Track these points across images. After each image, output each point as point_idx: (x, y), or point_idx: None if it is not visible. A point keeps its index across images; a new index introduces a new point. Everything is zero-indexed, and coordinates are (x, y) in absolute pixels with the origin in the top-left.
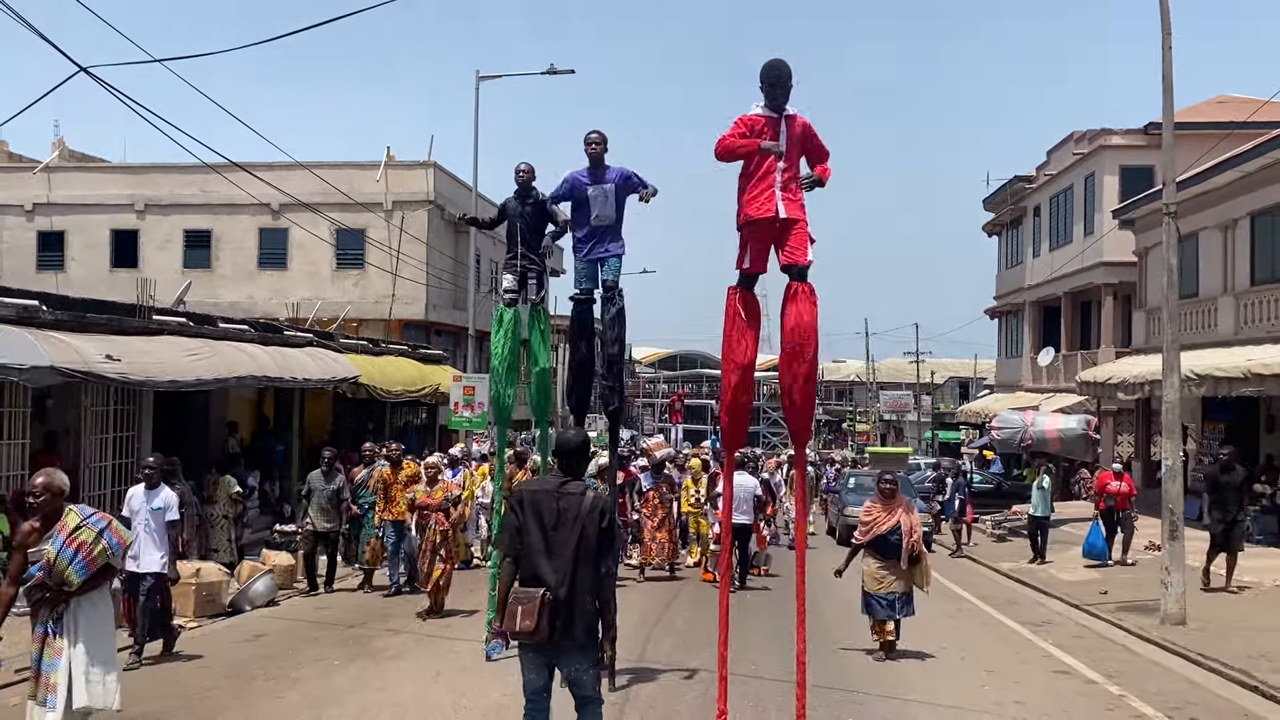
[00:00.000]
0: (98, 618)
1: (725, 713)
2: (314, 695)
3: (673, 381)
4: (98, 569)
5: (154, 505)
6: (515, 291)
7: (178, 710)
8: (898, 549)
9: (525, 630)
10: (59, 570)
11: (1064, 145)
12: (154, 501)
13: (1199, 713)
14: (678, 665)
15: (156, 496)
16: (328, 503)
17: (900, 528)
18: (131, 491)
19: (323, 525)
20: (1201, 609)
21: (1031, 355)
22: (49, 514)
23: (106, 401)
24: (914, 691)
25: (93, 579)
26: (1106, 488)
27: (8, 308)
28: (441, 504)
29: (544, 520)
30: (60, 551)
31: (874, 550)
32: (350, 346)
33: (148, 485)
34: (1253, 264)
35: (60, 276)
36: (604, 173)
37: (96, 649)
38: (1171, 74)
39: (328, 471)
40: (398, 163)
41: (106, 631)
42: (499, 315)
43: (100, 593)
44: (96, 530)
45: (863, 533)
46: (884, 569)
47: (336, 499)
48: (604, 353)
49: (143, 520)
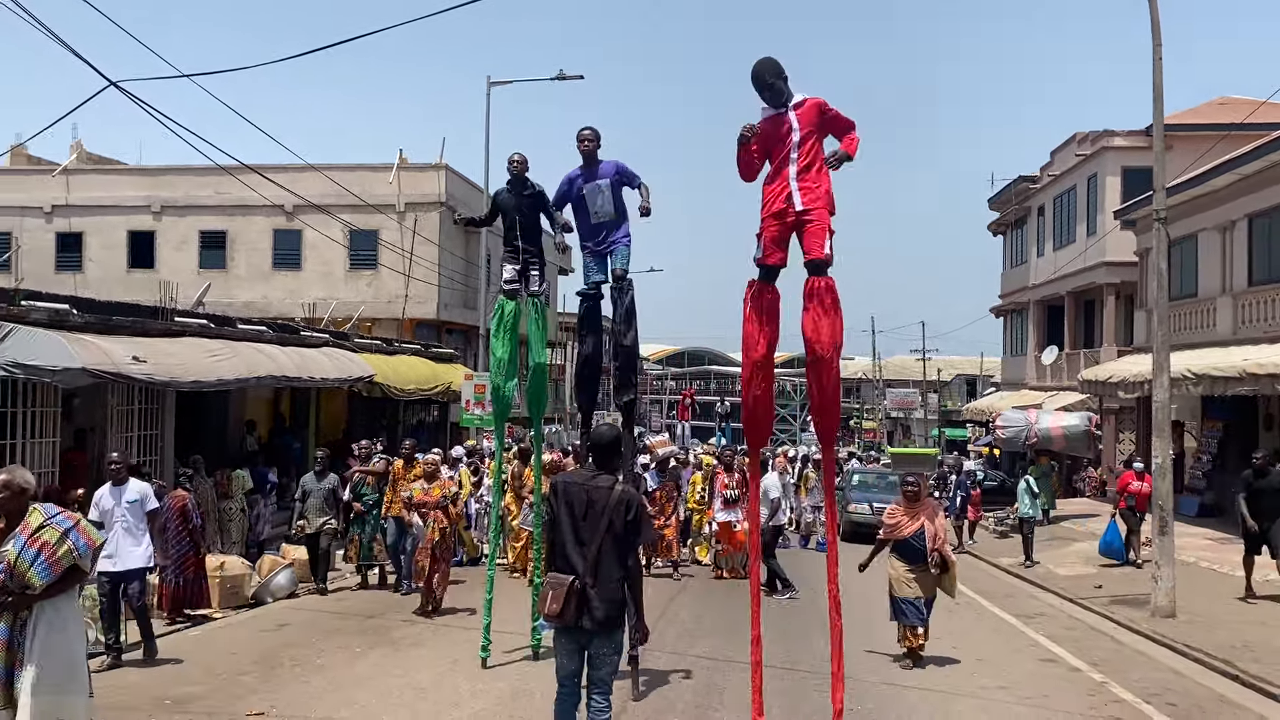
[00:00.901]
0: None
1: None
2: (338, 680)
3: (680, 378)
4: (63, 571)
5: (128, 499)
6: (516, 283)
7: (213, 693)
8: (923, 554)
9: (553, 614)
10: (20, 572)
11: (1067, 146)
12: (127, 495)
13: (1176, 698)
14: (683, 652)
15: (128, 490)
16: (323, 501)
17: (924, 533)
18: (99, 493)
19: (316, 525)
20: (1193, 603)
21: (1036, 354)
22: (12, 513)
23: (131, 401)
24: (908, 678)
25: (59, 582)
26: (1128, 487)
27: (39, 311)
28: (439, 501)
29: (575, 510)
30: (21, 552)
31: (899, 553)
32: (365, 346)
33: (114, 482)
34: (1250, 265)
35: (78, 277)
36: (597, 169)
37: (52, 667)
38: (1162, 83)
39: (320, 471)
40: (409, 165)
41: (70, 645)
42: (499, 307)
43: (67, 599)
44: (61, 530)
45: (885, 531)
46: (912, 573)
47: (332, 497)
48: (616, 344)
49: (119, 517)
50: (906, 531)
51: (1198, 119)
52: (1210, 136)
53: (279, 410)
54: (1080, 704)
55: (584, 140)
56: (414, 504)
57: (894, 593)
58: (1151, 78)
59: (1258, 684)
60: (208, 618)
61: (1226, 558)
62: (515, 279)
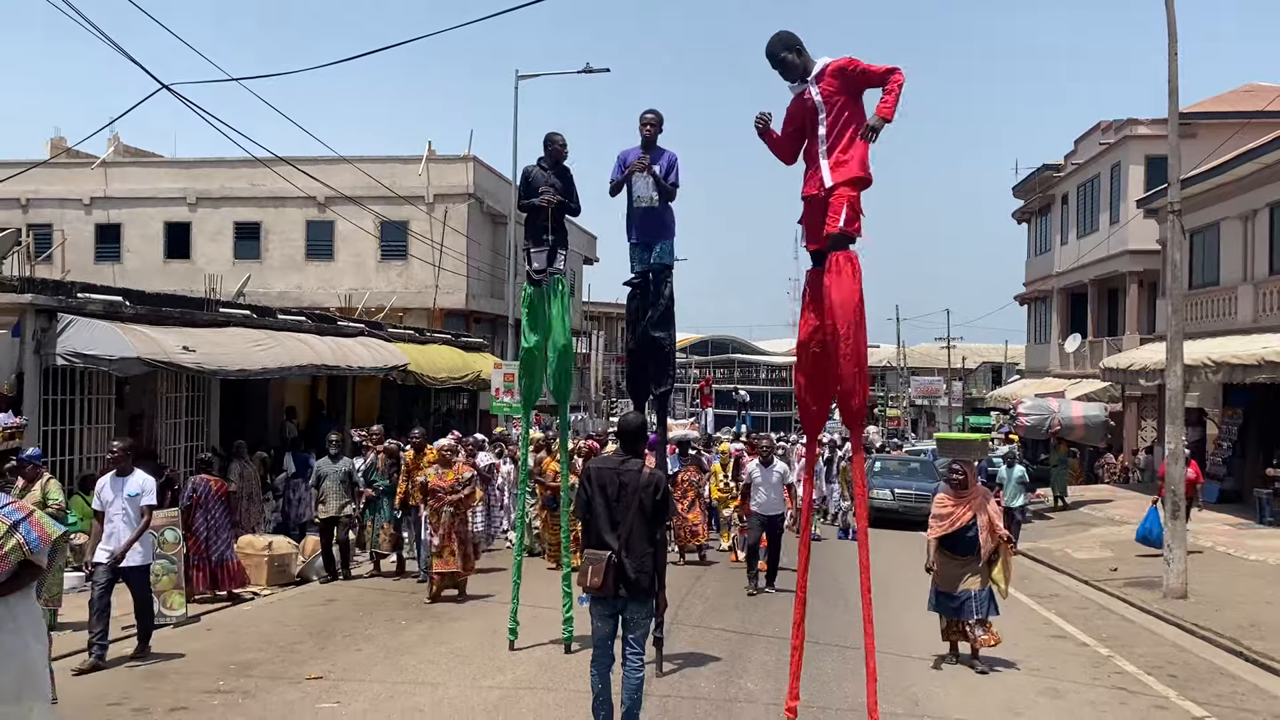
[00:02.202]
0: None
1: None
2: (388, 648)
3: (704, 366)
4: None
5: (129, 491)
6: (544, 271)
7: (271, 660)
8: (974, 545)
9: (594, 586)
10: None
11: (1091, 135)
12: (129, 488)
13: (1177, 670)
14: (708, 625)
15: (129, 482)
16: (339, 485)
17: (976, 523)
18: (100, 482)
19: (335, 509)
20: (1206, 585)
21: (1059, 341)
22: None
23: (178, 388)
24: (917, 650)
25: (12, 579)
26: None
27: (95, 303)
28: (452, 487)
29: (607, 493)
30: None
31: (947, 546)
32: (398, 335)
33: (118, 472)
34: (1271, 253)
35: (117, 268)
36: (655, 155)
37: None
38: (1177, 81)
39: (336, 455)
40: (438, 157)
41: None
42: (526, 296)
43: (21, 598)
44: (9, 523)
45: (938, 527)
46: (959, 566)
47: (349, 480)
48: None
49: (119, 510)
50: (960, 522)
51: (1223, 106)
52: (1235, 124)
53: (316, 397)
54: (1085, 675)
55: (646, 124)
56: (429, 489)
57: (939, 586)
58: (1167, 75)
59: (1260, 659)
60: (240, 597)
61: (1243, 542)
62: (544, 267)
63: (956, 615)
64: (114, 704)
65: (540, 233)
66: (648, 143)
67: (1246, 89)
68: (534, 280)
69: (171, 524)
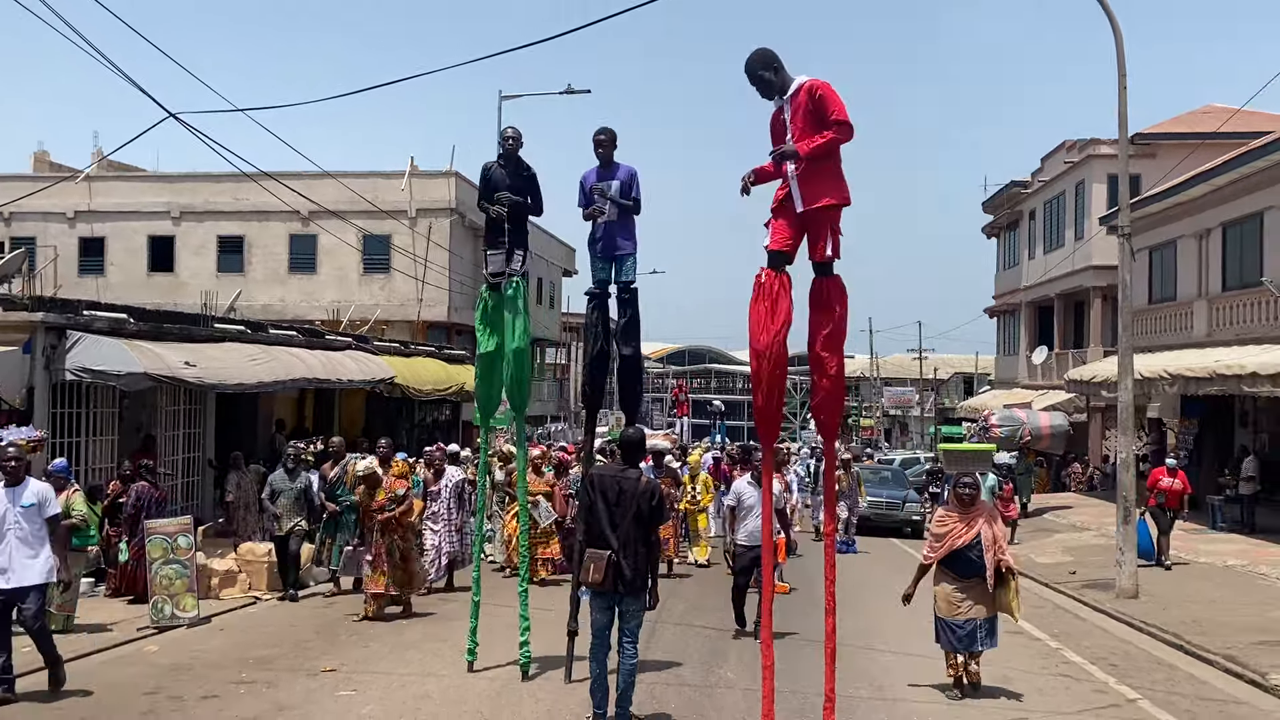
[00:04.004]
0: None
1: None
2: (392, 644)
3: (681, 377)
4: None
5: (24, 502)
6: (502, 274)
7: (285, 655)
8: (978, 567)
9: (595, 582)
10: None
11: (1056, 153)
12: (23, 498)
13: (1118, 660)
14: (690, 623)
15: (24, 492)
16: (293, 502)
17: (981, 541)
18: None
19: (287, 526)
20: (1157, 586)
21: (1027, 353)
22: None
23: (177, 402)
24: (886, 644)
25: None
26: (1158, 484)
27: (101, 320)
28: (385, 505)
29: (608, 498)
30: None
31: (949, 567)
32: (384, 349)
33: (8, 482)
34: (1224, 271)
35: (100, 281)
36: (612, 170)
37: None
38: (1126, 110)
39: (292, 470)
40: (421, 172)
41: None
42: (482, 299)
43: None
44: None
45: (933, 548)
46: (961, 591)
47: (304, 497)
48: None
49: (11, 524)
50: (961, 540)
51: (1181, 127)
52: (1192, 144)
53: (303, 410)
54: (1035, 665)
55: (599, 142)
56: (367, 510)
57: (941, 614)
58: (1117, 107)
59: (1197, 651)
60: (258, 599)
61: (1195, 546)
62: (501, 270)
63: (966, 648)
64: (149, 693)
65: (497, 234)
66: (604, 159)
67: (1205, 110)
68: (490, 283)
69: (184, 530)
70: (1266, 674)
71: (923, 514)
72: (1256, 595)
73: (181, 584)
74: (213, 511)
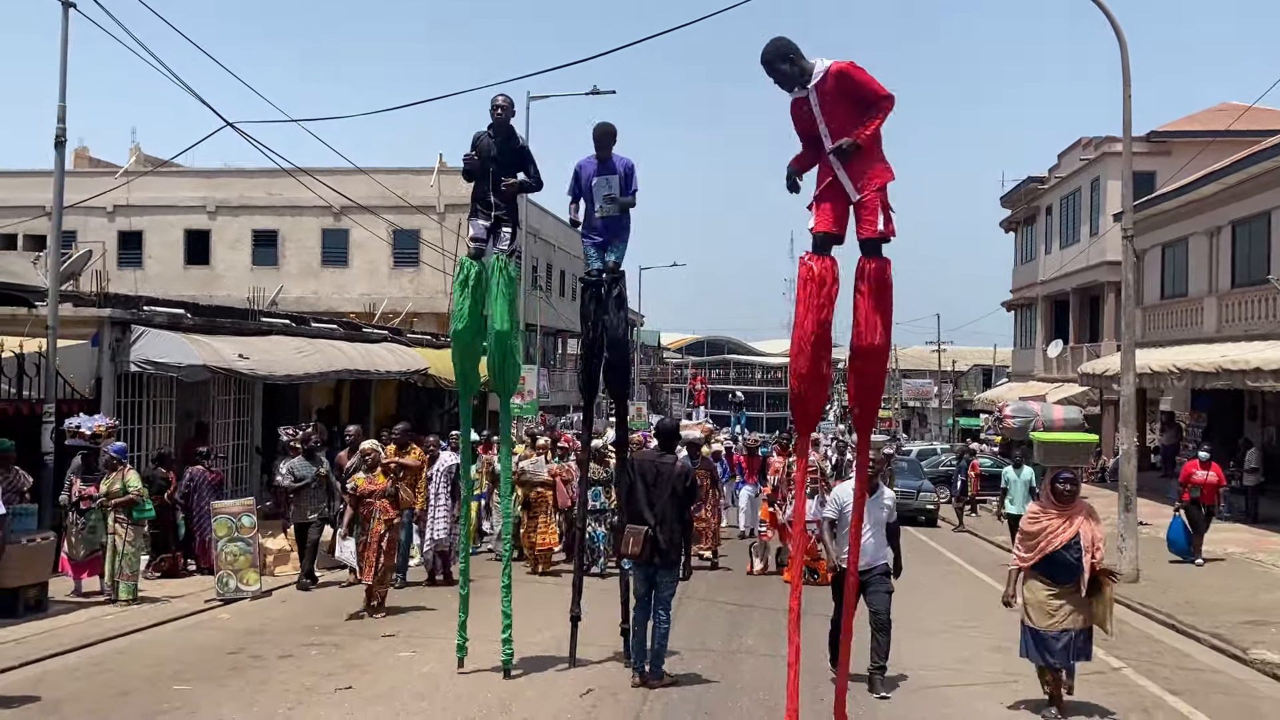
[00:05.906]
0: None
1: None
2: (443, 615)
3: (700, 367)
4: None
5: None
6: (483, 240)
7: (345, 623)
8: (1076, 569)
9: (634, 554)
10: None
11: (1072, 150)
12: None
13: (1109, 636)
14: (713, 599)
15: None
16: (315, 489)
17: (1079, 541)
18: None
19: (310, 514)
20: (1158, 571)
21: (1043, 347)
22: None
23: (227, 391)
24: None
25: None
26: (1192, 477)
27: (161, 315)
28: (385, 490)
29: (647, 480)
30: None
31: (1042, 572)
32: (416, 341)
33: None
34: (1234, 268)
35: (138, 274)
36: (610, 163)
37: None
38: (1130, 116)
39: (309, 454)
40: (449, 168)
41: None
42: (462, 268)
43: None
44: None
45: (1027, 548)
46: (1057, 597)
47: (325, 484)
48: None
49: None
50: (1060, 541)
51: (1196, 125)
52: (1205, 141)
53: (339, 399)
54: None
55: (599, 135)
56: (359, 495)
57: (1028, 622)
58: (1122, 115)
59: (1186, 629)
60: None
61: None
62: (483, 236)
63: (1063, 663)
64: (232, 653)
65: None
66: (602, 152)
67: (1220, 108)
68: (472, 252)
69: (247, 510)
70: (1248, 649)
71: (936, 504)
72: (1251, 581)
73: (245, 560)
74: (259, 495)
